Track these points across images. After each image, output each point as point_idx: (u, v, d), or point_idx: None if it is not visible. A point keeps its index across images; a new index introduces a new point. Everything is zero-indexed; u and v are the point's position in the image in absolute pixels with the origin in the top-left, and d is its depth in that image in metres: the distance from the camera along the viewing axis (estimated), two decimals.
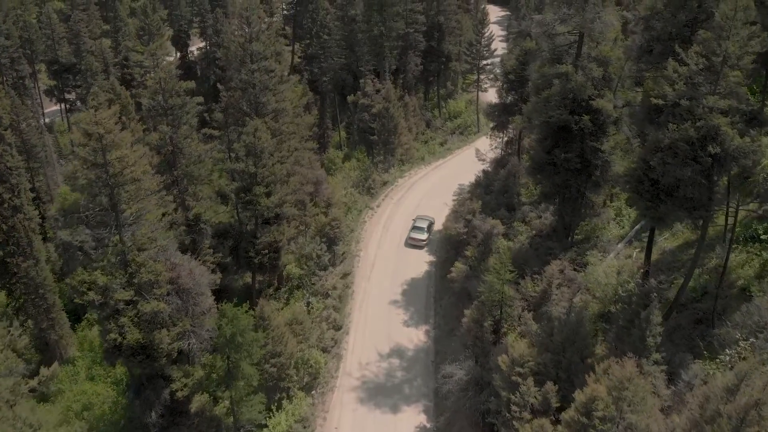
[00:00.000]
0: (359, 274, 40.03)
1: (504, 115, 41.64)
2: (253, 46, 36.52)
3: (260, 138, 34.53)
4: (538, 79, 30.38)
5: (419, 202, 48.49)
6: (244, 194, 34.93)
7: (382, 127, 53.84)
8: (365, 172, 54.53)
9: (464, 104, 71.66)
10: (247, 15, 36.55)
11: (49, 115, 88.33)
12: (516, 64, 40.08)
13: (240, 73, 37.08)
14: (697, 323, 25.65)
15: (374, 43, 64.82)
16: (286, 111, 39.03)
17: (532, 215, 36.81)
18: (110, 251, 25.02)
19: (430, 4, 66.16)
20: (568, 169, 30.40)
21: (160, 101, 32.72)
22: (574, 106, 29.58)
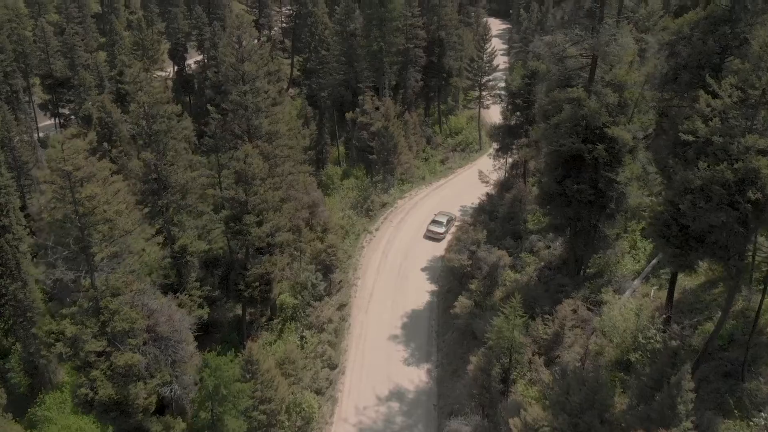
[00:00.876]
0: (356, 305, 37.53)
1: (509, 137, 39.30)
2: (245, 67, 34.24)
3: (251, 164, 32.16)
4: (547, 104, 28.03)
5: (420, 226, 46.07)
6: (233, 223, 32.51)
7: (381, 146, 51.51)
8: (364, 192, 52.15)
9: (465, 120, 69.40)
10: (238, 34, 34.28)
11: (44, 130, 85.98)
12: (522, 84, 37.76)
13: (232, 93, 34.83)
14: (725, 376, 23.13)
15: (374, 58, 62.70)
16: (280, 133, 36.71)
17: (540, 245, 34.37)
18: (81, 296, 22.58)
19: (431, 19, 64.03)
20: (581, 201, 27.99)
21: (143, 127, 30.37)
22: (586, 133, 27.21)
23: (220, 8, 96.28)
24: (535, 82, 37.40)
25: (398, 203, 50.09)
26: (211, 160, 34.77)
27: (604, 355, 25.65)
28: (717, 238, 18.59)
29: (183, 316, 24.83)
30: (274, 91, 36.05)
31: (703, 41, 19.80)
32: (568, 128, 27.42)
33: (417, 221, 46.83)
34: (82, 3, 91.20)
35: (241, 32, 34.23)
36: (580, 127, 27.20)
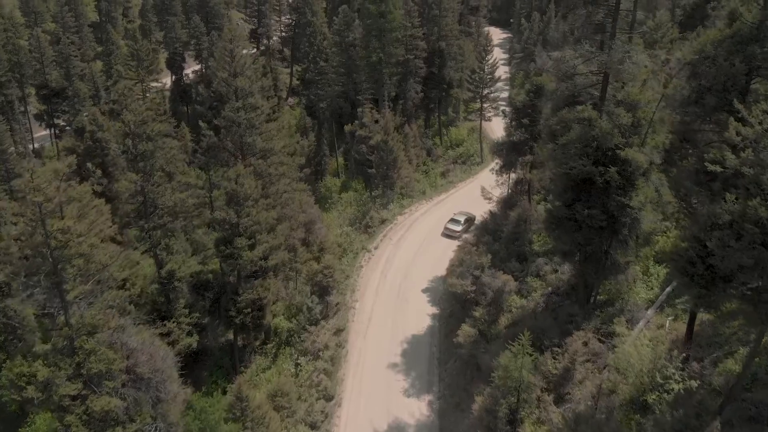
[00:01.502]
0: (354, 330, 35.66)
1: (513, 153, 37.54)
2: (238, 82, 32.56)
3: (243, 184, 30.42)
4: (555, 123, 26.27)
5: (420, 244, 44.27)
6: (224, 246, 30.73)
7: (380, 160, 49.79)
8: (363, 207, 50.43)
9: (466, 132, 67.74)
10: (230, 48, 32.60)
11: (39, 140, 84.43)
12: (526, 99, 36.05)
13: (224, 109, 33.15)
14: (749, 420, 21.24)
15: (373, 69, 61.08)
16: (274, 151, 35.00)
17: (547, 269, 32.53)
18: (55, 334, 20.75)
19: (431, 30, 62.49)
20: (591, 226, 26.17)
21: (129, 146, 28.62)
22: (597, 155, 25.42)
23: (218, 18, 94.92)
24: (540, 98, 35.68)
25: (398, 219, 48.29)
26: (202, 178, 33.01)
27: (618, 394, 23.76)
28: (748, 279, 16.78)
29: (166, 353, 22.98)
30: (267, 107, 34.32)
31: (729, 62, 18.07)
32: (578, 149, 25.64)
33: (417, 238, 45.03)
34: (78, 12, 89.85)
35: (233, 46, 32.56)
36: (590, 149, 25.40)
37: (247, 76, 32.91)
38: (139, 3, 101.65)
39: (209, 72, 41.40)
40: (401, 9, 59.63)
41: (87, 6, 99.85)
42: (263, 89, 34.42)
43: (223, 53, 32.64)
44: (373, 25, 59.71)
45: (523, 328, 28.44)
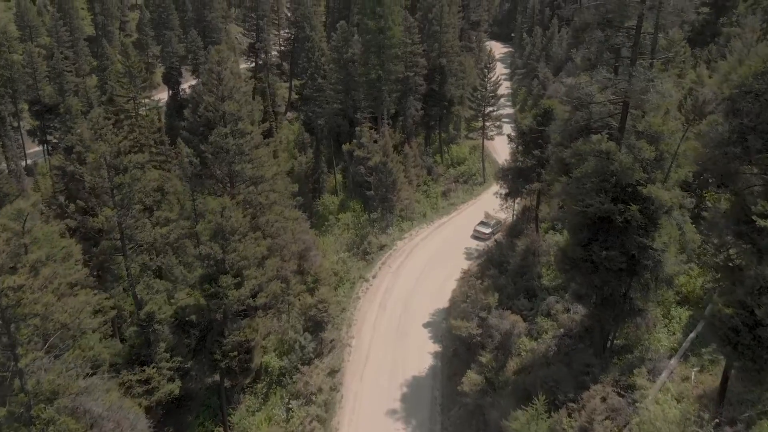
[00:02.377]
0: (350, 371, 32.98)
1: (519, 179, 35.06)
2: (226, 106, 30.16)
3: (230, 218, 27.90)
4: (570, 156, 23.79)
5: (421, 272, 41.68)
6: (208, 285, 28.16)
7: (379, 183, 47.31)
8: (361, 231, 47.92)
9: (468, 150, 65.35)
10: (218, 70, 30.22)
11: (32, 156, 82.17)
12: (533, 123, 33.63)
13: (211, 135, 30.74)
14: None
15: (372, 86, 58.83)
16: (264, 178, 32.52)
17: (558, 307, 29.91)
18: (9, 401, 18.14)
19: (432, 46, 60.28)
20: (610, 269, 23.62)
21: (104, 178, 26.13)
22: (616, 191, 22.95)
23: (215, 32, 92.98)
24: (549, 122, 33.25)
25: (397, 245, 45.72)
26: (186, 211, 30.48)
27: None
28: None
29: (137, 417, 20.33)
30: (258, 132, 31.88)
31: None
32: (594, 184, 23.16)
33: (418, 266, 42.43)
34: (74, 26, 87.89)
35: (221, 68, 30.19)
36: (608, 184, 22.93)
37: (236, 100, 30.52)
38: (136, 17, 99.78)
39: (196, 95, 39.10)
40: (401, 25, 57.49)
41: (83, 20, 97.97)
42: (253, 113, 31.90)
43: (211, 76, 30.25)
44: (372, 42, 57.53)
45: (534, 377, 25.87)
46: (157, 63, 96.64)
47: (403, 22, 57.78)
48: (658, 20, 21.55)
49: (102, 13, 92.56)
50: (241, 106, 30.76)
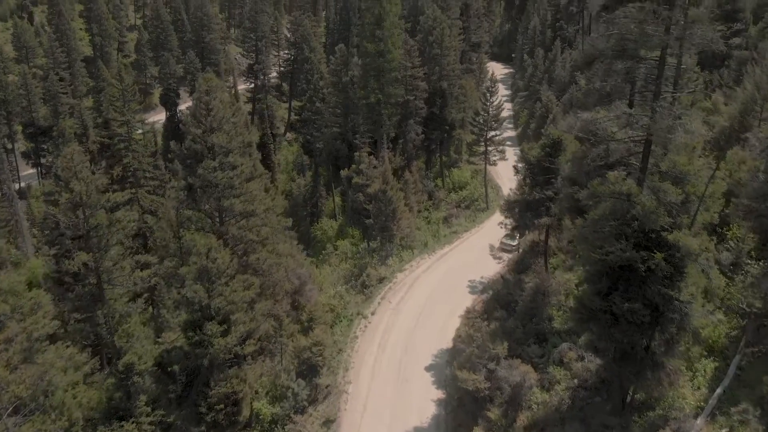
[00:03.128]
0: (347, 421, 30.37)
1: (527, 213, 32.81)
2: (214, 138, 28.05)
3: (216, 259, 25.63)
4: (587, 198, 21.55)
5: (423, 307, 39.23)
6: (192, 332, 25.77)
7: (378, 211, 45.07)
8: (360, 261, 45.59)
9: (470, 174, 63.28)
10: (206, 100, 28.16)
11: (26, 179, 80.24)
12: (541, 154, 31.51)
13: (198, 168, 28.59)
14: None
15: (371, 110, 56.99)
16: (256, 213, 30.27)
17: (572, 355, 27.43)
18: None
19: (432, 69, 58.57)
20: (632, 322, 21.25)
21: (79, 219, 23.90)
22: (639, 237, 20.69)
23: (214, 53, 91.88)
24: (558, 153, 31.18)
25: (397, 277, 43.32)
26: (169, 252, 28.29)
27: None
28: None
29: None
30: (249, 165, 29.73)
31: None
32: (614, 228, 20.93)
33: (419, 301, 39.98)
34: (71, 47, 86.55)
35: (210, 98, 28.13)
36: (629, 229, 20.69)
37: (225, 131, 28.43)
38: (134, 38, 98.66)
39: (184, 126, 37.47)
40: (401, 48, 55.85)
41: (81, 41, 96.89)
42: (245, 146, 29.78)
43: (199, 106, 28.18)
44: (372, 65, 55.86)
45: None
46: (155, 84, 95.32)
47: (403, 45, 56.17)
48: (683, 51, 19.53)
49: (99, 34, 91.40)
50: (231, 137, 28.66)
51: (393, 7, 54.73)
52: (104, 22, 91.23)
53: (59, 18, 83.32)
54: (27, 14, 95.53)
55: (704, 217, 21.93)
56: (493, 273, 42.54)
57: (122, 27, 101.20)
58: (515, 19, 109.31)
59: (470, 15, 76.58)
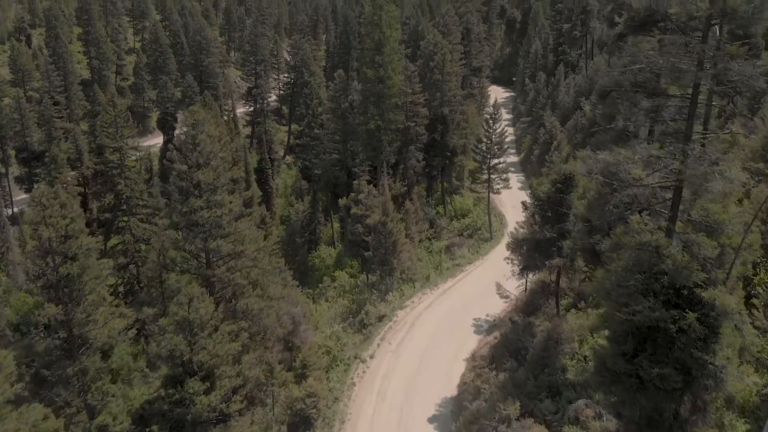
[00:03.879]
0: None
1: (536, 253, 30.51)
2: (201, 175, 25.91)
3: (197, 309, 23.28)
4: (610, 249, 19.30)
5: (424, 351, 36.65)
6: (173, 389, 23.29)
7: (378, 244, 42.77)
8: (358, 296, 43.18)
9: (472, 201, 61.20)
10: (193, 134, 26.10)
11: (19, 204, 78.20)
12: (552, 190, 29.33)
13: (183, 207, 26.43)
14: None
15: (371, 136, 55.11)
16: (245, 254, 28.00)
17: (589, 413, 24.86)
18: None
19: (433, 95, 56.86)
20: (662, 388, 18.81)
21: (49, 266, 21.62)
22: (669, 294, 18.37)
23: (212, 76, 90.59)
24: (570, 189, 29.01)
25: (398, 315, 40.82)
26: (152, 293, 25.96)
27: None
28: None
29: None
30: (238, 203, 27.54)
31: None
32: (640, 282, 18.62)
33: (421, 343, 37.43)
34: (68, 70, 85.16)
35: (197, 131, 26.07)
36: (658, 285, 18.39)
37: (213, 167, 26.31)
38: (133, 61, 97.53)
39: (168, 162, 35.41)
40: (401, 74, 54.18)
41: (79, 63, 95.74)
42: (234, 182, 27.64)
43: (185, 141, 26.09)
44: (371, 91, 54.12)
45: None
46: (152, 108, 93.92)
47: (404, 71, 54.52)
48: (716, 88, 17.46)
49: (97, 57, 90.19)
50: (219, 174, 26.52)
51: (393, 32, 53.23)
52: (102, 45, 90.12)
53: (56, 41, 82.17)
54: (25, 37, 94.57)
55: (739, 270, 19.62)
56: (499, 310, 40.15)
57: (120, 50, 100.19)
58: (516, 42, 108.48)
59: (471, 39, 75.33)
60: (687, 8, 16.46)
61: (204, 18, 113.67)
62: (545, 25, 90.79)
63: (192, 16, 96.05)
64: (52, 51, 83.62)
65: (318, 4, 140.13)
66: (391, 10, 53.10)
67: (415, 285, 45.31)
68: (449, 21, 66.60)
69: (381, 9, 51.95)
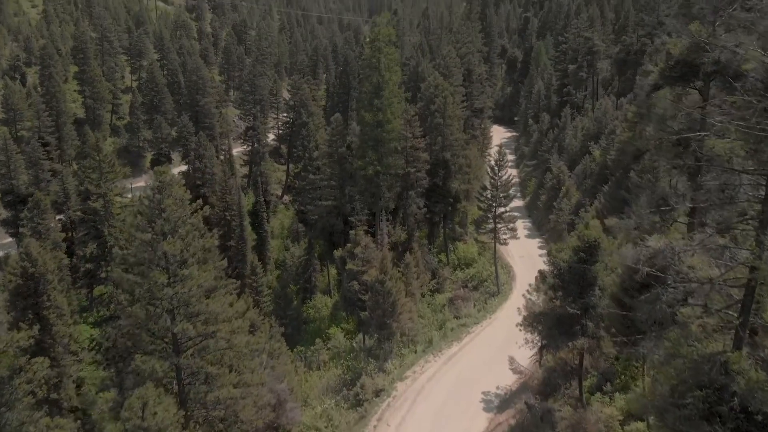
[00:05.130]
0: None
1: (557, 330, 26.28)
2: (166, 246, 22.00)
3: (155, 413, 19.02)
4: (665, 361, 15.21)
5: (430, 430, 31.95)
6: None
7: (375, 305, 38.53)
8: (354, 363, 38.73)
9: (476, 250, 57.18)
10: (158, 198, 22.31)
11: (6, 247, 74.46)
12: (574, 258, 25.32)
13: (145, 282, 22.44)
14: None
15: (369, 182, 51.57)
16: (217, 336, 23.83)
17: None
18: None
19: (434, 139, 53.63)
20: None
21: None
22: (739, 420, 14.19)
23: (208, 116, 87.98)
24: (595, 259, 25.02)
25: (397, 388, 36.20)
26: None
27: None
28: None
29: None
30: (210, 277, 23.51)
31: None
32: (701, 401, 14.48)
33: (424, 422, 32.69)
34: (60, 110, 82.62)
35: (162, 196, 22.28)
36: (725, 407, 14.24)
37: (181, 236, 22.44)
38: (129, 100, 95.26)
39: (120, 236, 32.12)
40: (400, 118, 51.03)
41: (74, 102, 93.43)
42: (206, 250, 23.66)
43: (150, 206, 22.29)
44: (370, 135, 50.87)
45: None
46: (147, 147, 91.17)
47: (404, 115, 51.39)
48: None
49: (92, 97, 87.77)
50: (189, 243, 22.62)
51: (392, 75, 50.32)
52: (97, 84, 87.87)
53: (49, 80, 79.87)
54: (20, 75, 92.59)
55: None
56: (510, 381, 35.58)
57: (117, 89, 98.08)
58: (517, 82, 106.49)
59: (473, 80, 72.75)
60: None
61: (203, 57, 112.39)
62: (548, 65, 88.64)
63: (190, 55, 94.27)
64: (45, 90, 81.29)
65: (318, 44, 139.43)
66: (390, 52, 50.33)
67: (416, 349, 40.81)
68: (450, 63, 64.05)
69: (380, 51, 49.17)
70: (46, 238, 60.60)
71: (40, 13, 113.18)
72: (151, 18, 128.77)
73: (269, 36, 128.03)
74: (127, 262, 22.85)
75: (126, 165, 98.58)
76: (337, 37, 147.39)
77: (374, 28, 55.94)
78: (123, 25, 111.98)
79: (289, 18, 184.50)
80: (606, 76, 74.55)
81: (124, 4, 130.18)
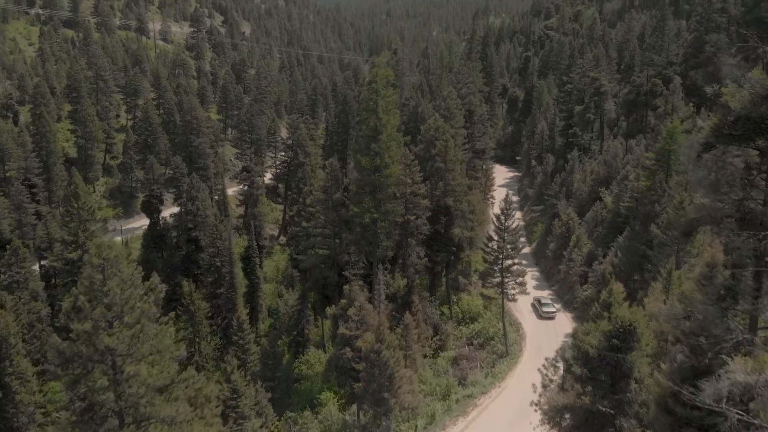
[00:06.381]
0: None
1: (584, 429, 21.56)
2: (107, 340, 17.65)
3: None
4: None
5: None
6: None
7: (370, 377, 33.72)
8: None
9: (482, 302, 52.56)
10: (100, 279, 18.08)
11: None
12: (605, 345, 20.85)
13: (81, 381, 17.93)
14: None
15: (366, 230, 47.45)
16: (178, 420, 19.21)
17: None
18: None
19: (435, 185, 49.81)
20: None
21: None
22: None
23: (202, 157, 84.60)
24: (630, 346, 20.54)
25: None
26: None
27: None
28: None
29: None
30: (168, 371, 19.00)
31: None
32: None
33: None
34: (50, 150, 79.34)
35: (104, 276, 18.03)
36: None
37: (128, 324, 18.10)
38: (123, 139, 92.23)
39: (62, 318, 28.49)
40: (399, 162, 47.32)
41: (67, 142, 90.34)
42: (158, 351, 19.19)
43: (90, 288, 18.01)
44: (367, 180, 47.01)
45: None
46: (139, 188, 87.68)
47: (403, 159, 47.70)
48: None
49: (83, 136, 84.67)
50: (137, 333, 18.21)
51: (391, 118, 46.84)
52: (89, 124, 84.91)
53: (40, 119, 76.89)
54: (12, 114, 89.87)
55: None
56: None
57: (111, 128, 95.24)
58: (518, 121, 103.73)
59: (474, 121, 69.54)
60: None
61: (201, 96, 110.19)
62: (551, 104, 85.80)
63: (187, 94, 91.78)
64: (35, 130, 78.22)
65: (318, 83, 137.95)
66: (388, 94, 47.00)
67: (417, 424, 35.82)
68: (451, 104, 60.91)
69: (377, 94, 45.82)
70: (24, 287, 56.34)
71: (36, 51, 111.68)
72: (150, 57, 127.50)
73: (269, 75, 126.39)
74: (63, 356, 18.42)
75: (118, 205, 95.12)
76: (337, 77, 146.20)
77: (372, 69, 52.99)
78: (120, 64, 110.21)
79: (289, 57, 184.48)
80: (612, 117, 71.50)
81: (123, 43, 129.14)
